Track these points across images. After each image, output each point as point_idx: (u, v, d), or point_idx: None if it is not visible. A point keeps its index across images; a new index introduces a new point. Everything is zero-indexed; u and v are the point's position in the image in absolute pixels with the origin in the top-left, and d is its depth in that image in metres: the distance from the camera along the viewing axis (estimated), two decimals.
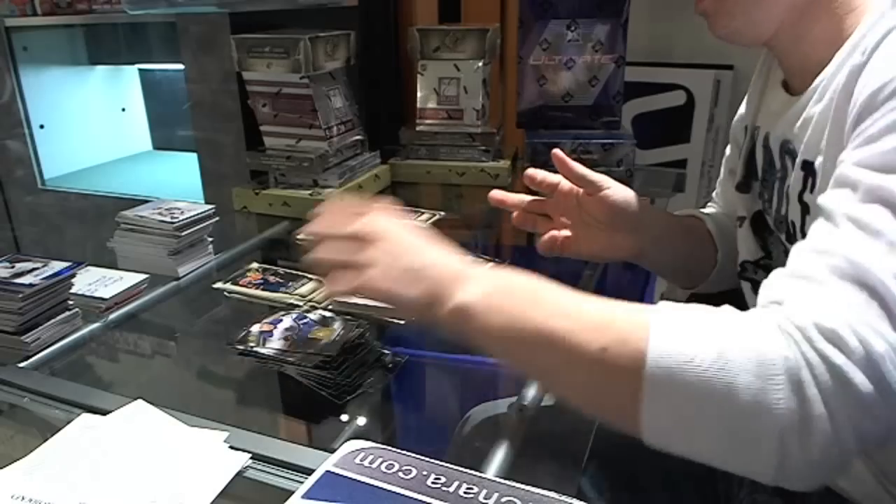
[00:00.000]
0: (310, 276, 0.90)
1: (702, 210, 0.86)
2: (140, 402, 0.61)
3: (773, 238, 0.70)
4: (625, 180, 0.81)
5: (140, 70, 2.32)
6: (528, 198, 0.81)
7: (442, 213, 1.14)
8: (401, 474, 0.44)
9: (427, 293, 0.54)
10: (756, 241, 0.73)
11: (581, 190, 0.78)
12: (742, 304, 0.94)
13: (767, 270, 0.69)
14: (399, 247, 0.57)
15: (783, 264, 0.67)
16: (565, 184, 0.79)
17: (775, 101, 0.67)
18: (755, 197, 0.72)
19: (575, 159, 0.79)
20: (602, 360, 0.45)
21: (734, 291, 0.94)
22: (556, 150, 0.80)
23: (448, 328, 0.53)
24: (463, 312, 0.52)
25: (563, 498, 0.41)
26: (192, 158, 1.85)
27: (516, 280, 0.53)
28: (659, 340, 0.44)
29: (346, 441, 0.48)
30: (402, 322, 0.79)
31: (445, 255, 0.57)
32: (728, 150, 0.82)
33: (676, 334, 0.44)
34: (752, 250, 0.73)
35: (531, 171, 0.79)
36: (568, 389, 0.50)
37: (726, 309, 0.46)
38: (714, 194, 0.87)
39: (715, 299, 0.97)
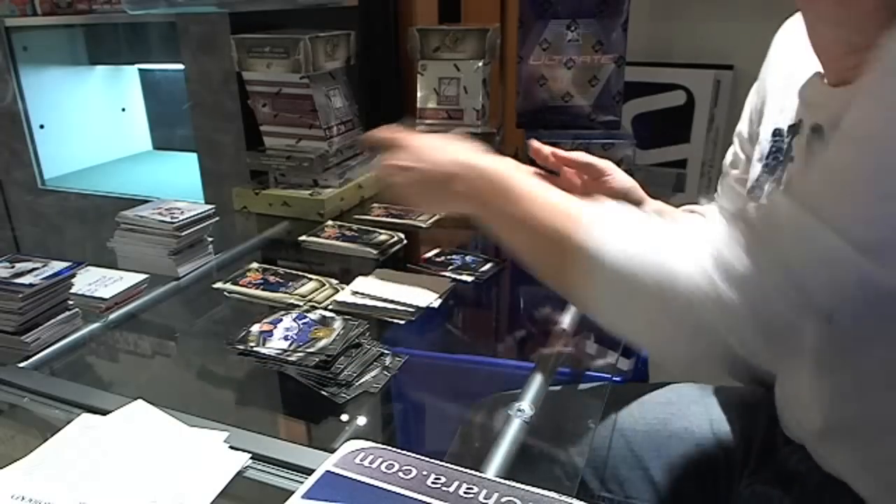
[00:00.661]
0: (310, 276, 0.90)
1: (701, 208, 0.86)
2: (140, 402, 0.61)
3: None
4: None
5: (140, 70, 2.32)
6: (532, 170, 0.82)
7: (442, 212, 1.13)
8: (401, 474, 0.44)
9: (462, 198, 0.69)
10: None
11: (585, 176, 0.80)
12: None
13: None
14: (419, 155, 0.73)
15: None
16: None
17: (817, 93, 0.63)
18: None
19: None
20: (559, 245, 0.57)
21: None
22: (555, 150, 0.82)
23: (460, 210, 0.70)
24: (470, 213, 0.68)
25: (563, 498, 0.41)
26: (192, 158, 1.84)
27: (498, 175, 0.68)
28: (604, 235, 0.55)
29: (346, 441, 0.48)
30: (402, 322, 0.80)
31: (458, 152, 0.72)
32: (732, 155, 0.82)
33: (619, 233, 0.55)
34: None
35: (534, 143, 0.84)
36: (540, 266, 0.63)
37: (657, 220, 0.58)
38: (716, 195, 0.87)
39: None
